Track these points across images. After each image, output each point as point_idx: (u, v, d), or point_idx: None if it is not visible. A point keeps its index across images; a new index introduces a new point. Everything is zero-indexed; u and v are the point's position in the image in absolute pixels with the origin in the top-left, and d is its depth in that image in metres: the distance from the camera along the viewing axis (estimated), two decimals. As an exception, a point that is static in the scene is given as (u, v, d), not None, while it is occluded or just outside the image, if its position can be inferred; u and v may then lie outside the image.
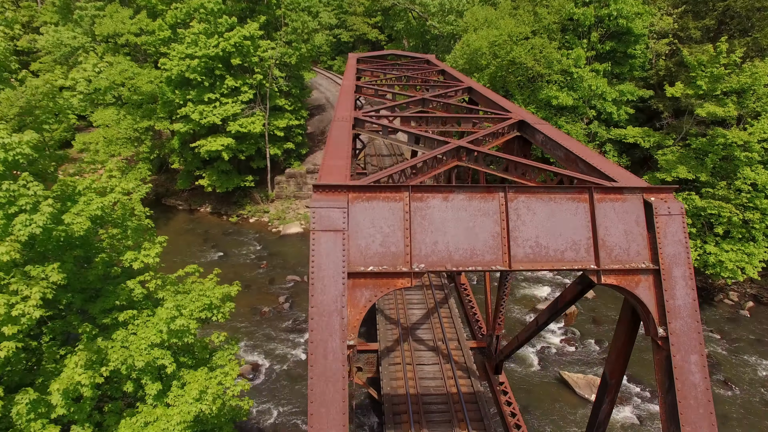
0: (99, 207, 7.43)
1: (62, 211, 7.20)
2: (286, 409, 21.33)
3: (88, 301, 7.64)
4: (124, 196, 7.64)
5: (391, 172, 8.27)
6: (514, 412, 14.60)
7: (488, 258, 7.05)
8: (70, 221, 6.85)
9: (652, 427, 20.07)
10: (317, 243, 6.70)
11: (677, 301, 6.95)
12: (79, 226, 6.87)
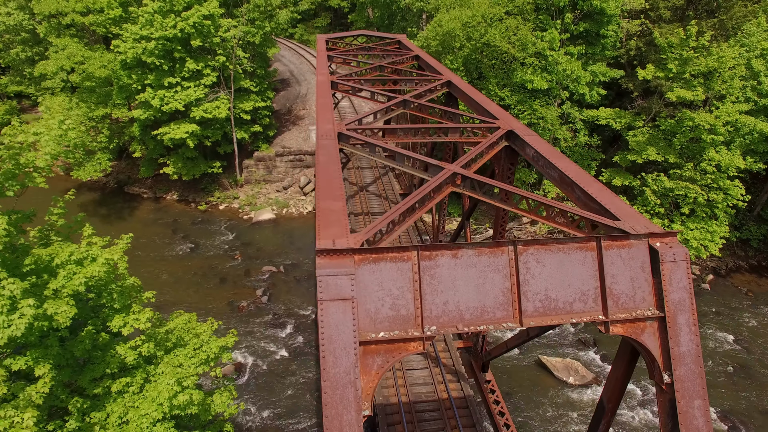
0: (82, 282, 6.81)
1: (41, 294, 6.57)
2: (271, 409, 21.33)
3: (75, 372, 7.12)
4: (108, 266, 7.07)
5: (391, 217, 7.94)
6: (503, 411, 14.98)
7: (499, 315, 6.94)
8: (54, 311, 6.22)
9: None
10: (326, 314, 6.39)
11: (682, 347, 7.07)
12: (65, 316, 6.24)
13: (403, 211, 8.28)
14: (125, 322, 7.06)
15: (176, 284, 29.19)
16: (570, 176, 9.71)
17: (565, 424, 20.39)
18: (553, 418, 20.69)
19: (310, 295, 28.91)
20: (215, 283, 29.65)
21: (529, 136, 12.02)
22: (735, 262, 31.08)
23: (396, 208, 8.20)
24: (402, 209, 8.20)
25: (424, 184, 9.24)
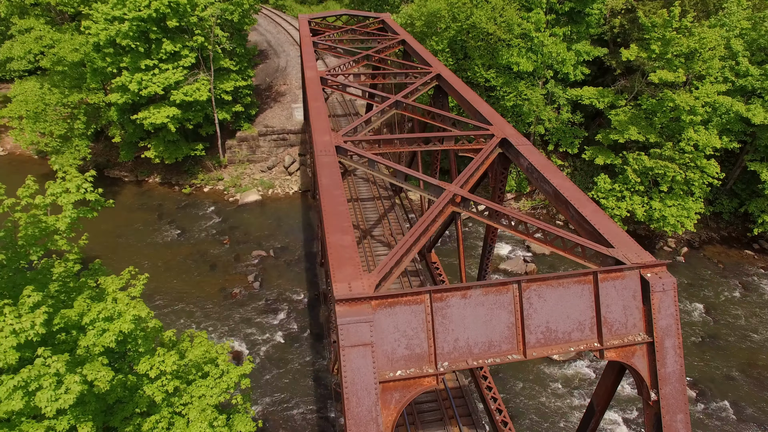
0: (113, 340, 7.03)
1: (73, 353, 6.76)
2: (272, 397, 22.10)
3: (107, 414, 7.44)
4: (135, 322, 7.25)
5: (399, 253, 8.33)
6: (495, 396, 15.98)
7: (504, 348, 7.51)
8: (94, 377, 6.44)
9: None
10: (348, 359, 6.85)
11: (668, 369, 7.79)
12: (104, 380, 6.47)
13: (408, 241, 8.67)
14: (151, 365, 7.40)
15: (166, 272, 29.28)
16: (565, 195, 10.16)
17: (548, 397, 21.72)
18: (536, 393, 22.01)
19: (300, 279, 29.38)
20: (205, 270, 29.83)
21: (522, 146, 12.39)
22: (708, 234, 32.54)
23: (403, 243, 8.57)
24: (410, 242, 8.58)
25: (428, 210, 9.59)
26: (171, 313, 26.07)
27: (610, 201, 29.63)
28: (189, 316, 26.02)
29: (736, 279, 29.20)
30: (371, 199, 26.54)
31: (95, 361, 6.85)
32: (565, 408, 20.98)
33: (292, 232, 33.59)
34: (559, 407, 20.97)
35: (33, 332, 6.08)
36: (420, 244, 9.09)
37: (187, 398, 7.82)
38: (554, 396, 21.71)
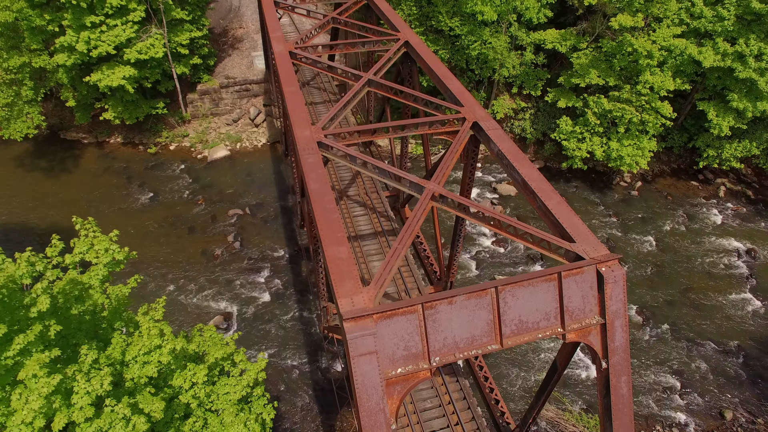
0: (155, 371, 7.82)
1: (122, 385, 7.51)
2: (266, 352, 23.81)
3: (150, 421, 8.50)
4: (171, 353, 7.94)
5: (392, 262, 9.40)
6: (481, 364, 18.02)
7: (485, 341, 8.95)
8: (150, 409, 7.30)
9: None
10: (357, 366, 8.13)
11: (616, 343, 9.47)
12: (159, 411, 7.33)
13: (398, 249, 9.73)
14: (184, 378, 8.38)
15: (145, 239, 29.59)
16: (532, 186, 11.30)
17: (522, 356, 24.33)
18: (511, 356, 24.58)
19: (279, 235, 30.28)
20: (184, 233, 30.26)
21: (493, 130, 13.27)
22: (660, 167, 34.82)
23: (393, 250, 9.63)
24: (399, 249, 9.64)
25: (413, 212, 10.56)
26: (157, 280, 26.81)
27: (572, 143, 31.11)
28: (175, 282, 26.85)
29: (682, 210, 31.91)
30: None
31: (144, 392, 7.89)
32: (537, 365, 23.59)
33: (265, 187, 33.92)
34: (531, 364, 23.58)
35: (102, 390, 6.98)
36: (407, 246, 10.17)
37: (214, 397, 9.04)
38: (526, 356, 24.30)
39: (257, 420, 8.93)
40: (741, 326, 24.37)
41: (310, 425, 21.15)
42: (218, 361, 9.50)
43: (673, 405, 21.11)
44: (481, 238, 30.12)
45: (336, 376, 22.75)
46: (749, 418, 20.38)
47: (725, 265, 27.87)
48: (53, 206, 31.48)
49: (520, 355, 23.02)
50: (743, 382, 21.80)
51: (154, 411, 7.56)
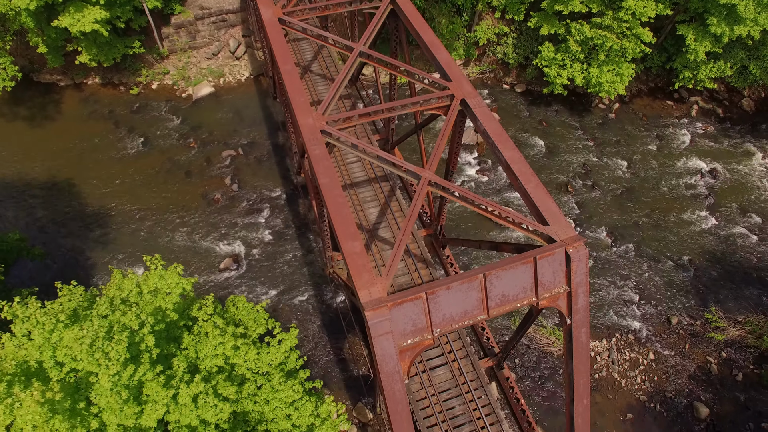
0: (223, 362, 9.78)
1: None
2: (274, 288, 26.43)
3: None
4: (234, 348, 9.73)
5: (398, 252, 11.35)
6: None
7: (475, 313, 11.28)
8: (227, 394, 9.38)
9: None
10: (377, 343, 10.44)
11: (578, 305, 11.91)
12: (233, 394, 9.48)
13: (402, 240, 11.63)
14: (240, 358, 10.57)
15: (144, 187, 30.68)
16: (513, 168, 13.02)
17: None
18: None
19: (274, 175, 31.61)
20: (181, 178, 31.36)
21: (479, 108, 14.61)
22: (638, 86, 35.88)
23: (398, 242, 11.53)
24: (404, 240, 11.55)
25: (412, 203, 12.29)
26: (163, 228, 28.51)
27: (553, 69, 31.78)
28: (180, 228, 28.61)
29: (655, 131, 33.69)
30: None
31: (218, 378, 10.09)
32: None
33: (254, 125, 34.44)
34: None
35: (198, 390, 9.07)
36: (408, 235, 12.04)
37: (261, 363, 11.37)
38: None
39: (299, 381, 11.42)
40: (695, 242, 27.54)
41: (323, 350, 24.45)
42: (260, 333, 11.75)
43: (631, 315, 24.75)
44: (466, 167, 31.89)
45: (340, 306, 25.67)
46: (690, 321, 24.18)
47: (688, 185, 30.43)
48: (45, 158, 31.87)
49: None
50: (689, 292, 25.38)
51: (229, 394, 9.86)
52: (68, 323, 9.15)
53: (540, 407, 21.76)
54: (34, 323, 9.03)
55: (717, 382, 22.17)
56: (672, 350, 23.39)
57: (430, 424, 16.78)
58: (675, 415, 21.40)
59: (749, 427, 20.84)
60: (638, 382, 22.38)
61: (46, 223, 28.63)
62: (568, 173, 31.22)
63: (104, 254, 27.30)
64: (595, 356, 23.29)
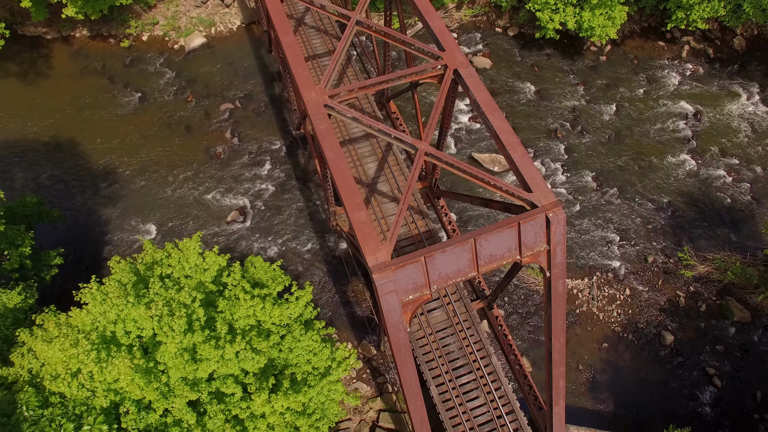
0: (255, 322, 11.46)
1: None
2: (282, 238, 28.16)
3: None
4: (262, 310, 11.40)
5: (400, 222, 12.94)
6: (454, 228, 22.50)
7: (466, 270, 13.07)
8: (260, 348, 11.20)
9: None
10: (383, 300, 12.29)
11: (556, 260, 13.71)
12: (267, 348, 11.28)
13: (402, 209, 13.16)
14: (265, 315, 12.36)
15: (146, 143, 31.48)
16: (502, 139, 14.32)
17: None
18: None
19: (272, 127, 32.38)
20: (182, 133, 32.09)
21: (470, 78, 15.63)
22: (630, 27, 35.88)
23: (399, 211, 13.06)
24: (404, 209, 13.08)
25: (410, 175, 13.67)
26: (169, 183, 29.68)
27: (546, 14, 31.82)
28: (186, 183, 29.80)
29: (644, 74, 34.24)
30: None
31: (251, 334, 11.93)
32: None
33: (250, 77, 34.63)
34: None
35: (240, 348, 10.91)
36: (407, 204, 13.52)
37: (283, 317, 13.25)
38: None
39: (316, 331, 13.35)
40: (675, 185, 29.21)
41: (329, 293, 26.64)
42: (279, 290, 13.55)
43: (611, 255, 26.90)
44: (459, 114, 32.73)
45: (343, 252, 27.54)
46: (664, 259, 26.40)
47: (673, 129, 31.60)
48: (44, 116, 32.29)
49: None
50: (666, 232, 27.41)
51: (262, 348, 11.74)
52: (135, 303, 10.93)
53: (526, 340, 24.37)
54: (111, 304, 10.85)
55: (683, 314, 24.73)
56: (646, 286, 25.77)
57: (428, 359, 19.21)
58: (644, 343, 24.12)
59: (706, 350, 23.64)
60: (614, 316, 24.92)
61: (55, 184, 29.73)
62: (558, 118, 32.20)
63: (116, 211, 28.69)
64: (577, 293, 25.67)
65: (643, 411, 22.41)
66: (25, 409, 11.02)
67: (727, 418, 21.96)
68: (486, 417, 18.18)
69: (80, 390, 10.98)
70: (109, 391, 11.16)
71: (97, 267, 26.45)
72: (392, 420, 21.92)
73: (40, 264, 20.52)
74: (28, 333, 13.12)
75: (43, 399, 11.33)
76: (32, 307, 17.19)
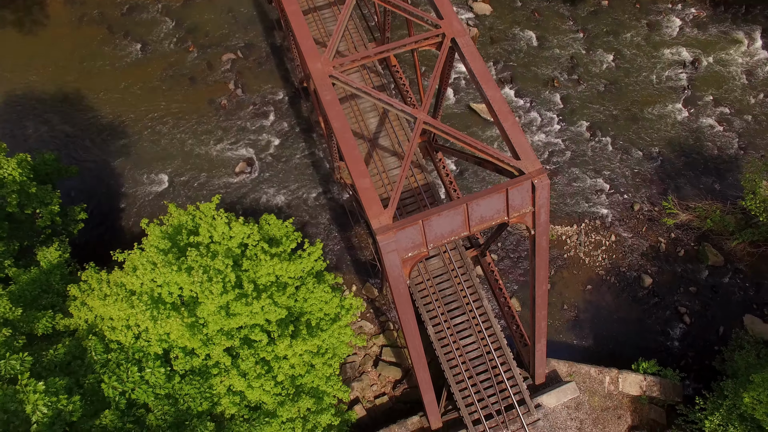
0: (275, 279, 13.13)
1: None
2: (288, 188, 29.59)
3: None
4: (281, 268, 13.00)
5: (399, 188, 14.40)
6: (452, 181, 23.92)
7: (459, 230, 14.72)
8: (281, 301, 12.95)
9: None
10: (386, 257, 14.03)
11: (540, 220, 15.30)
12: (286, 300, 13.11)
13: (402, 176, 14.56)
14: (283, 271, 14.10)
15: (152, 94, 32.08)
16: (494, 108, 15.45)
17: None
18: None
19: (275, 77, 32.83)
20: (186, 84, 32.61)
21: (466, 47, 16.47)
22: (635, -33, 35.09)
23: (399, 179, 14.48)
24: (402, 177, 14.50)
25: (408, 144, 14.92)
26: (178, 137, 30.66)
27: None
28: (193, 135, 30.76)
29: (646, 18, 34.02)
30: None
31: (271, 289, 13.73)
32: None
33: (250, 25, 34.50)
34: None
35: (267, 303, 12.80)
36: (407, 172, 14.86)
37: (297, 270, 15.00)
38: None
39: (327, 284, 15.20)
40: (666, 134, 30.20)
41: (334, 239, 28.52)
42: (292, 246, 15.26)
43: (600, 203, 28.48)
44: (458, 63, 33.00)
45: (346, 201, 29.10)
46: (650, 207, 28.02)
47: (669, 77, 32.02)
48: (47, 68, 32.64)
49: (489, 174, 29.27)
50: (653, 181, 28.81)
51: (282, 302, 13.61)
52: (177, 269, 12.73)
53: (516, 282, 26.54)
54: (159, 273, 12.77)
55: (663, 258, 26.72)
56: (631, 233, 27.57)
57: (426, 302, 21.37)
58: (625, 285, 26.30)
59: (680, 291, 25.86)
60: (599, 260, 26.93)
61: (65, 137, 30.72)
62: (555, 67, 32.55)
63: (128, 163, 29.96)
64: (566, 239, 27.52)
65: (619, 345, 24.98)
66: (93, 354, 13.17)
67: (692, 350, 24.56)
68: (477, 352, 20.60)
69: (138, 341, 13.17)
70: (161, 341, 13.27)
71: (115, 218, 28.19)
72: (393, 354, 24.51)
73: (67, 219, 22.14)
74: (77, 288, 15.09)
75: (104, 346, 13.48)
76: (68, 261, 19.04)
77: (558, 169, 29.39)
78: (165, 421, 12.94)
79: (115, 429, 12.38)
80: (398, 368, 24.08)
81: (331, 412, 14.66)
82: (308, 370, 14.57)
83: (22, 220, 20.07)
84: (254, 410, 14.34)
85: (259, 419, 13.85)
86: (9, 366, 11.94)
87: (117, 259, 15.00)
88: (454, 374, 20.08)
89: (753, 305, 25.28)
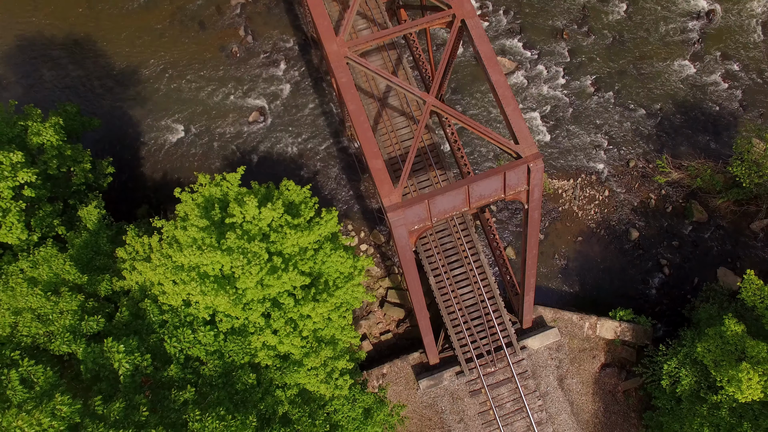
0: (299, 250, 14.97)
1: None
2: (300, 137, 30.84)
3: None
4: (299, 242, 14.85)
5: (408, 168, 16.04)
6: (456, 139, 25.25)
7: (461, 206, 16.56)
8: (304, 269, 15.24)
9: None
10: (395, 230, 16.01)
11: (534, 196, 17.05)
12: (309, 269, 15.16)
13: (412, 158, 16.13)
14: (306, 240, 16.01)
15: (161, 40, 32.34)
16: (498, 92, 16.65)
17: (493, 106, 30.70)
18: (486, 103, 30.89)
19: (285, 24, 32.87)
20: (196, 30, 32.73)
21: (475, 29, 17.33)
22: None
23: (409, 160, 16.07)
24: (412, 157, 16.08)
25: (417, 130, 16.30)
26: (191, 84, 31.40)
27: None
28: (205, 84, 31.49)
29: (664, -36, 33.00)
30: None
31: (296, 258, 15.69)
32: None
33: (257, -35, 33.73)
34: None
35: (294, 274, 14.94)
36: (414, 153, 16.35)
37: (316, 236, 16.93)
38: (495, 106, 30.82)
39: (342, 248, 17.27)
40: (669, 91, 30.74)
41: (343, 189, 30.30)
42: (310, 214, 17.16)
43: (597, 158, 29.82)
44: (470, 12, 32.75)
45: (356, 151, 30.51)
46: (644, 164, 29.38)
47: (681, 29, 31.83)
48: (56, 11, 32.61)
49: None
50: (651, 138, 29.90)
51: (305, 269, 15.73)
52: (221, 251, 14.81)
53: (512, 233, 28.66)
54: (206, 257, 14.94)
55: (651, 214, 28.58)
56: (624, 188, 29.21)
57: (428, 255, 23.67)
58: (613, 238, 28.43)
59: (663, 244, 28.03)
60: (591, 214, 28.85)
61: (80, 85, 31.54)
62: (566, 17, 32.33)
63: (145, 113, 31.05)
64: (562, 193, 29.25)
65: (603, 293, 27.61)
66: (151, 316, 15.69)
67: (667, 298, 27.20)
68: (472, 300, 23.25)
69: (188, 308, 15.74)
70: (207, 308, 15.76)
71: (135, 167, 29.81)
72: (398, 296, 27.30)
73: (96, 173, 23.85)
74: (124, 251, 17.25)
75: (158, 308, 15.97)
76: (105, 216, 21.04)
77: (559, 124, 30.39)
78: (216, 371, 15.96)
79: (179, 379, 15.39)
80: (401, 309, 26.95)
81: (346, 358, 17.45)
82: (327, 324, 17.18)
83: (59, 178, 21.85)
84: (284, 359, 17.19)
85: (289, 367, 16.72)
86: (89, 326, 14.72)
87: (155, 225, 17.03)
88: (451, 319, 22.86)
89: (728, 259, 27.51)
